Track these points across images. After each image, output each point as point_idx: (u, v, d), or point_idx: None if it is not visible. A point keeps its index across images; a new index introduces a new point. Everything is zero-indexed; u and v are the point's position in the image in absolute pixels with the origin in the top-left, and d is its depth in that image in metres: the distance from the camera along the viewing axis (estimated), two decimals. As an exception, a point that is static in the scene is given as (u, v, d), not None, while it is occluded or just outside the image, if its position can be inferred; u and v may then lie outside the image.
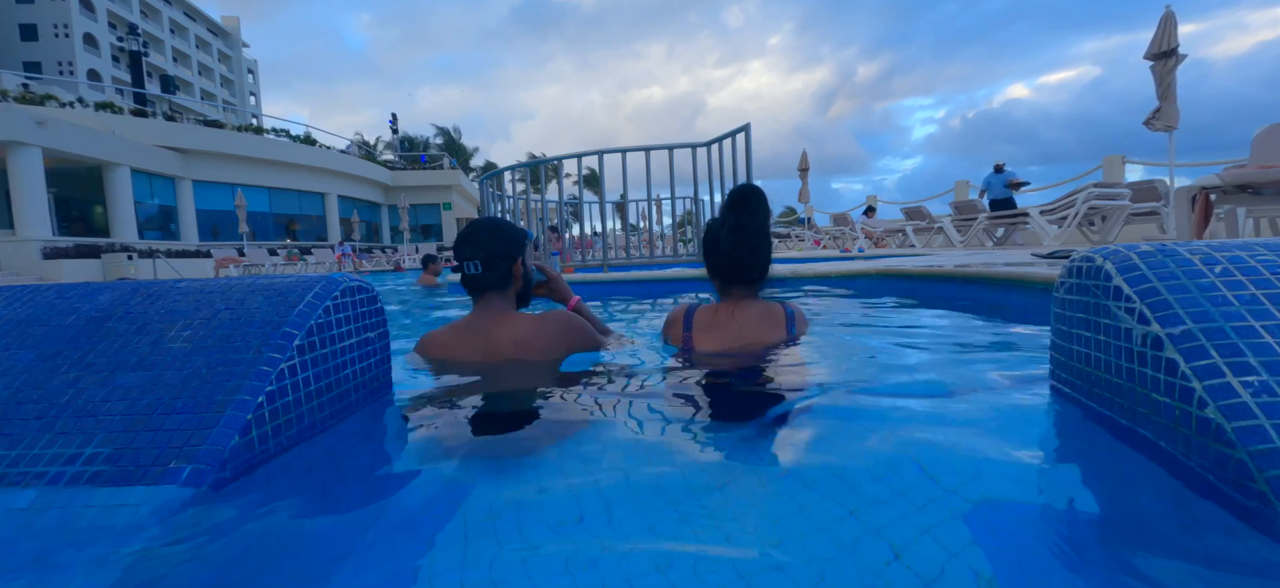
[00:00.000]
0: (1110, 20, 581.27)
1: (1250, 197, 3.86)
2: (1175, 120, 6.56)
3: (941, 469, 0.86)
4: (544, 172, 8.40)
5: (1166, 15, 6.42)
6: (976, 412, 1.11)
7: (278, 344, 0.99)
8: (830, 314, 2.91)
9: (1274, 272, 0.82)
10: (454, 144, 41.05)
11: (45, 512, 0.76)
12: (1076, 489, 0.82)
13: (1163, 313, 0.79)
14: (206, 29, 52.02)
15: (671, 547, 0.67)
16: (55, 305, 1.16)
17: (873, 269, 4.20)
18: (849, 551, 0.65)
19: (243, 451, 0.86)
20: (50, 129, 15.95)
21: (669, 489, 0.83)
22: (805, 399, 1.20)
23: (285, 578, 0.68)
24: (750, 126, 5.23)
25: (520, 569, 0.65)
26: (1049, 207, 7.40)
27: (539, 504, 0.80)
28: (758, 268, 1.61)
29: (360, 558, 0.70)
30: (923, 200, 12.37)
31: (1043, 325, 1.25)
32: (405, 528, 0.78)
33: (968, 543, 0.67)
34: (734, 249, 1.57)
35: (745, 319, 1.59)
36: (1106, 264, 0.91)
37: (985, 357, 1.72)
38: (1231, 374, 0.70)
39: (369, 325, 1.26)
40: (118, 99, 26.83)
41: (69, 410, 0.91)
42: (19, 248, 15.17)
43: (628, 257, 6.38)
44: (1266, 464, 0.63)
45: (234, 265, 15.90)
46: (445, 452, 1.03)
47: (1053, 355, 1.12)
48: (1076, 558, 0.65)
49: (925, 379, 1.36)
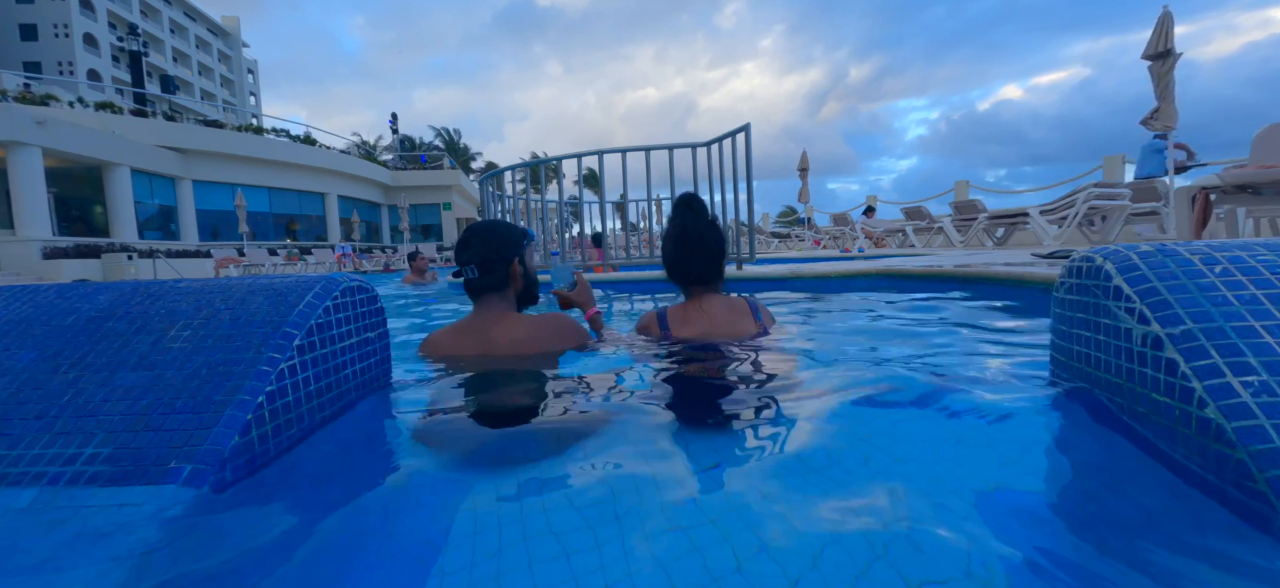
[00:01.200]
0: (1100, 22, 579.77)
1: (1250, 197, 3.86)
2: (1174, 120, 6.55)
3: (941, 469, 0.87)
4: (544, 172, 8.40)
5: (1164, 15, 6.41)
6: (976, 412, 1.11)
7: (278, 344, 0.99)
8: (830, 314, 2.91)
9: (1274, 272, 0.82)
10: (454, 145, 41.06)
11: (45, 512, 0.76)
12: (1077, 489, 0.82)
13: (1163, 313, 0.79)
14: (206, 29, 52.02)
15: (670, 546, 0.67)
16: (55, 305, 1.16)
17: (873, 269, 4.20)
18: (846, 550, 0.65)
19: (243, 451, 0.86)
20: (50, 129, 15.94)
21: (669, 485, 0.83)
22: (802, 399, 1.20)
23: (285, 578, 0.68)
24: (750, 127, 5.23)
25: (524, 568, 0.65)
26: (1049, 207, 7.39)
27: (540, 503, 0.80)
28: (711, 265, 1.76)
29: (360, 558, 0.70)
30: (923, 200, 12.36)
31: (1043, 325, 1.25)
32: (405, 528, 0.78)
33: (967, 543, 0.67)
34: (682, 252, 1.76)
35: (713, 311, 1.74)
36: (1106, 264, 0.91)
37: (985, 357, 1.72)
38: (1231, 374, 0.70)
39: (369, 325, 1.26)
40: (118, 99, 26.82)
41: (69, 410, 0.91)
42: (19, 248, 15.16)
43: (628, 256, 6.38)
44: (1266, 464, 0.63)
45: (234, 265, 15.88)
46: (445, 451, 1.03)
47: (1053, 355, 1.12)
48: (1077, 557, 0.65)
49: (925, 379, 1.36)
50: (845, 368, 1.52)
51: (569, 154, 5.95)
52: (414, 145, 38.96)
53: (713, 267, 1.76)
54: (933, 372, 1.43)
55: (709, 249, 1.74)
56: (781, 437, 1.04)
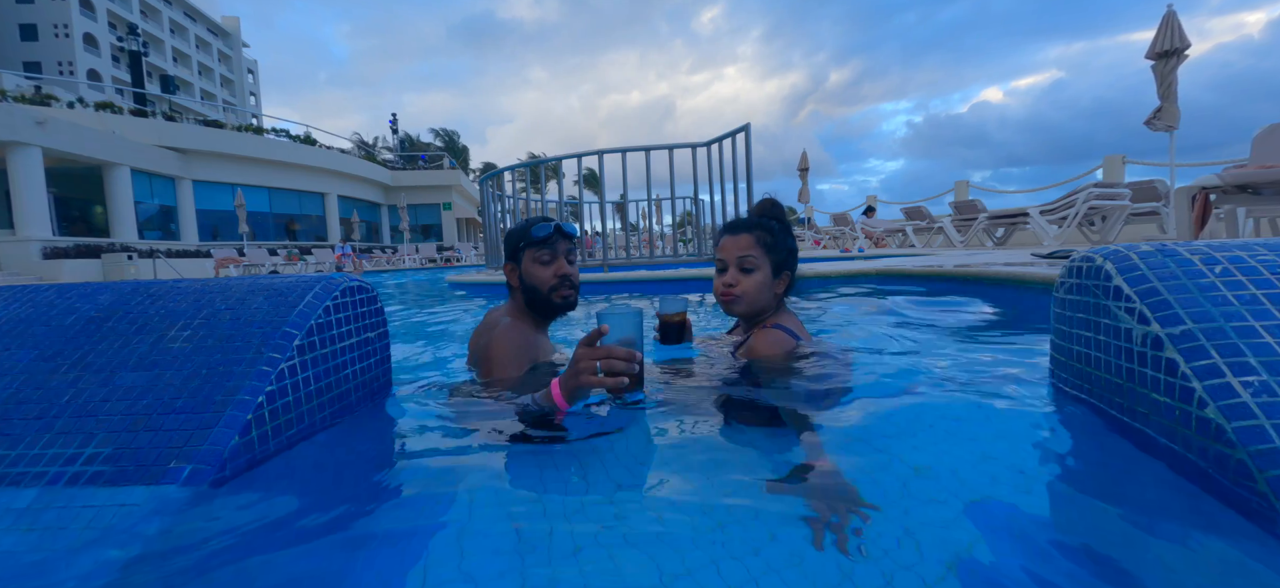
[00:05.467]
0: (1071, 28, 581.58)
1: (1250, 197, 3.86)
2: (1176, 120, 6.56)
3: (941, 469, 0.86)
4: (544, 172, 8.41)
5: (1168, 15, 6.41)
6: (976, 412, 1.11)
7: (278, 344, 0.99)
8: (830, 315, 2.91)
9: (1274, 272, 0.82)
10: (453, 145, 41.07)
11: (45, 512, 0.76)
12: (1077, 489, 0.82)
13: (1163, 313, 0.79)
14: (206, 29, 52.01)
15: (668, 546, 0.67)
16: (55, 305, 1.16)
17: (873, 269, 4.19)
18: (844, 550, 0.65)
19: (242, 450, 0.86)
20: (50, 129, 15.94)
21: (662, 492, 0.83)
22: (800, 400, 1.20)
23: (285, 578, 0.68)
24: (749, 127, 5.24)
25: (510, 569, 0.65)
26: (1049, 206, 7.39)
27: (541, 502, 0.80)
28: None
29: (360, 558, 0.70)
30: (923, 200, 12.36)
31: (1043, 325, 1.25)
32: (405, 528, 0.78)
33: (968, 543, 0.67)
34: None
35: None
36: (1106, 264, 0.91)
37: (985, 357, 1.71)
38: (1231, 374, 0.70)
39: (369, 325, 1.26)
40: (118, 99, 26.84)
41: (69, 410, 0.91)
42: (19, 248, 15.16)
43: (628, 257, 6.38)
44: (1267, 464, 0.63)
45: (234, 265, 15.88)
46: (444, 451, 1.03)
47: (1053, 355, 1.12)
48: (1076, 557, 0.65)
49: (925, 380, 1.36)
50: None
51: (569, 154, 5.96)
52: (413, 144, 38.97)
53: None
54: (931, 373, 1.43)
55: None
56: (778, 440, 1.04)
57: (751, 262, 1.43)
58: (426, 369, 1.84)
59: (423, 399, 1.33)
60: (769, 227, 1.46)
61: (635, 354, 0.97)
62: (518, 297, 1.52)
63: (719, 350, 1.56)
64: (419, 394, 1.36)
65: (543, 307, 1.48)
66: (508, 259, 1.53)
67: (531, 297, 1.48)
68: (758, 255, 1.43)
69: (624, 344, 0.99)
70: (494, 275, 5.67)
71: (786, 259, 1.47)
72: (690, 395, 1.22)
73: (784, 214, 1.54)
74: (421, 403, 1.30)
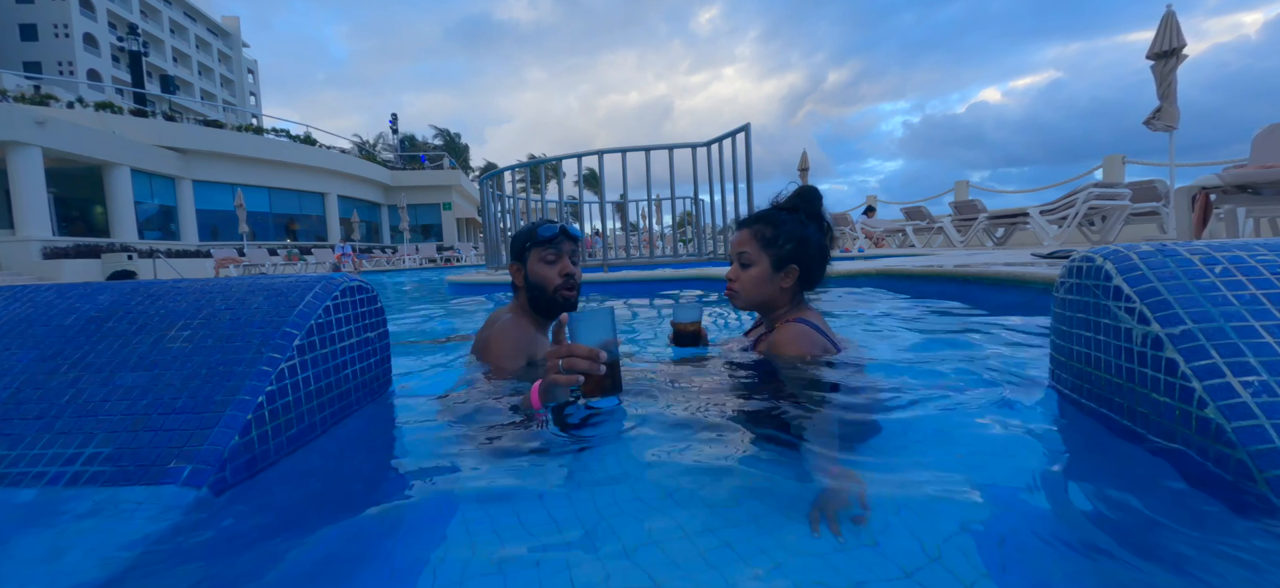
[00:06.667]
0: (1068, 28, 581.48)
1: (1250, 197, 3.86)
2: (1176, 120, 6.57)
3: (941, 470, 0.86)
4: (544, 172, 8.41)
5: (1167, 15, 6.42)
6: (976, 412, 1.11)
7: (278, 344, 0.99)
8: (830, 315, 2.91)
9: (1274, 272, 0.82)
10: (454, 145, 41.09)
11: (45, 512, 0.76)
12: (1077, 489, 0.82)
13: (1163, 313, 0.79)
14: (206, 29, 52.00)
15: (667, 547, 0.67)
16: (55, 305, 1.16)
17: (873, 269, 4.20)
18: (844, 550, 0.65)
19: (243, 451, 0.86)
20: (50, 129, 15.95)
21: (663, 489, 0.83)
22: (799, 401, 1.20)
23: (285, 579, 0.68)
24: (749, 127, 5.24)
25: (510, 570, 0.65)
26: (1049, 206, 7.39)
27: (541, 502, 0.80)
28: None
29: (360, 558, 0.70)
30: (923, 200, 12.36)
31: (1043, 325, 1.25)
32: (405, 528, 0.78)
33: (968, 543, 0.67)
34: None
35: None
36: (1106, 264, 0.91)
37: (985, 357, 1.71)
38: (1231, 374, 0.70)
39: (369, 325, 1.26)
40: (118, 99, 26.84)
41: (69, 410, 0.91)
42: (19, 248, 15.16)
43: (628, 256, 6.38)
44: (1267, 464, 0.63)
45: (234, 265, 15.88)
46: (444, 452, 1.03)
47: (1053, 356, 1.12)
48: (1077, 557, 0.65)
49: (925, 380, 1.36)
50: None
51: (569, 154, 5.96)
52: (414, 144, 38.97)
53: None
54: (931, 373, 1.43)
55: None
56: (777, 441, 1.04)
57: (748, 257, 1.45)
58: (427, 369, 1.84)
59: (423, 399, 1.33)
60: (774, 219, 1.45)
61: (599, 354, 0.96)
62: (522, 296, 1.57)
63: (731, 350, 1.56)
64: (419, 394, 1.36)
65: (546, 305, 1.52)
66: (514, 259, 1.58)
67: (536, 295, 1.52)
68: (754, 250, 1.44)
69: (603, 345, 0.99)
70: (494, 275, 5.67)
71: (794, 252, 1.42)
72: (692, 397, 1.23)
73: (814, 204, 1.47)
74: (422, 403, 1.30)
